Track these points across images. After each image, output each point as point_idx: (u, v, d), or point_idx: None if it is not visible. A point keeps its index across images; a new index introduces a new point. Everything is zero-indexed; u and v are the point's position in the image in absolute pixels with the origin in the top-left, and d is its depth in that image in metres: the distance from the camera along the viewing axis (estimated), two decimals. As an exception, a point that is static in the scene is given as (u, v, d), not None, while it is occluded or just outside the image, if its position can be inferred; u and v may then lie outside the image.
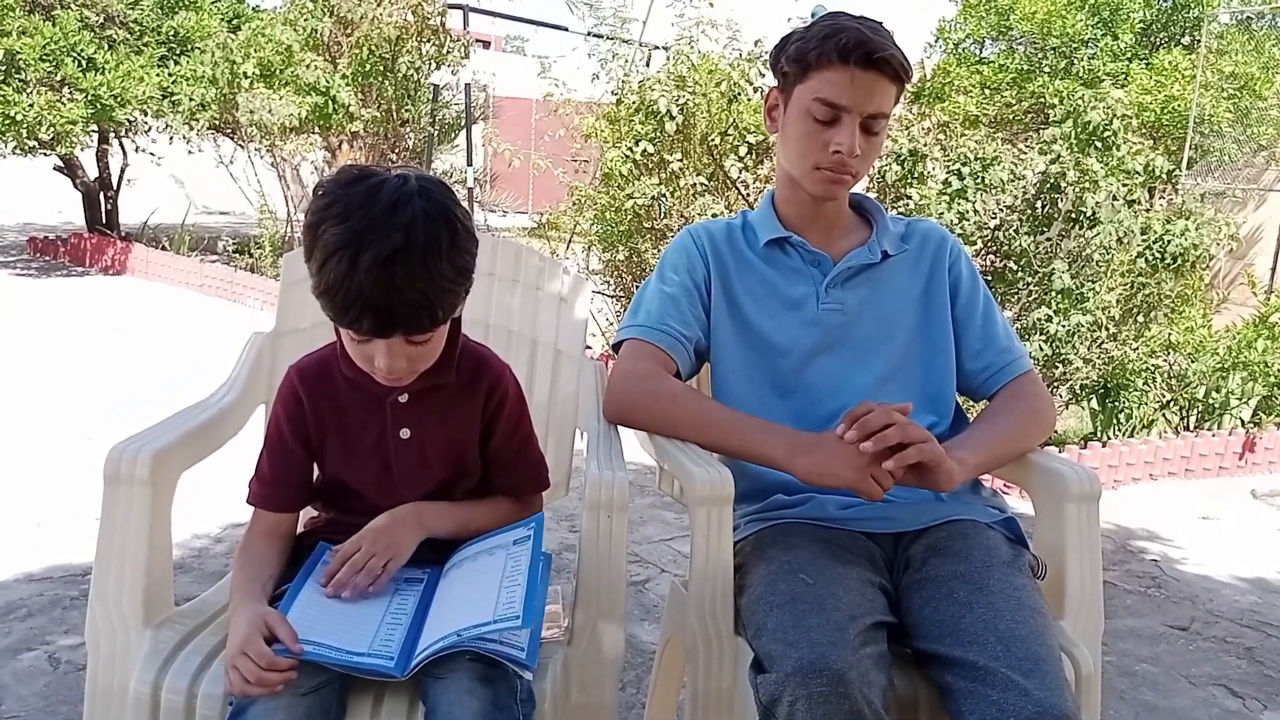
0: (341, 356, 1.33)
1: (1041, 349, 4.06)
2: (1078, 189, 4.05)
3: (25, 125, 7.40)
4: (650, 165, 4.95)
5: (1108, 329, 4.29)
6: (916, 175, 4.40)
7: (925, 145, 4.49)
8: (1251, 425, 4.62)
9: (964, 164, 4.20)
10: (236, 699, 1.14)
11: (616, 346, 1.60)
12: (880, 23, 1.50)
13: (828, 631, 1.18)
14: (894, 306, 1.58)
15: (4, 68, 7.53)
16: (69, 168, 9.29)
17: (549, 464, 1.52)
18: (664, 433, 1.49)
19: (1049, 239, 4.12)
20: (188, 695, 1.19)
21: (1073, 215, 4.10)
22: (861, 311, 1.56)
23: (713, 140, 4.94)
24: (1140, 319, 4.59)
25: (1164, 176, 4.45)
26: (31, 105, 7.38)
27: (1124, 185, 4.15)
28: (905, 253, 1.62)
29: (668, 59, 5.25)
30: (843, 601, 1.24)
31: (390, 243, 1.12)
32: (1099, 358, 4.27)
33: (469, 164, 9.56)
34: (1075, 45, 10.54)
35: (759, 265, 1.59)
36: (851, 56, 1.44)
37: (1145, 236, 4.36)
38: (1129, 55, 10.43)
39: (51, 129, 7.52)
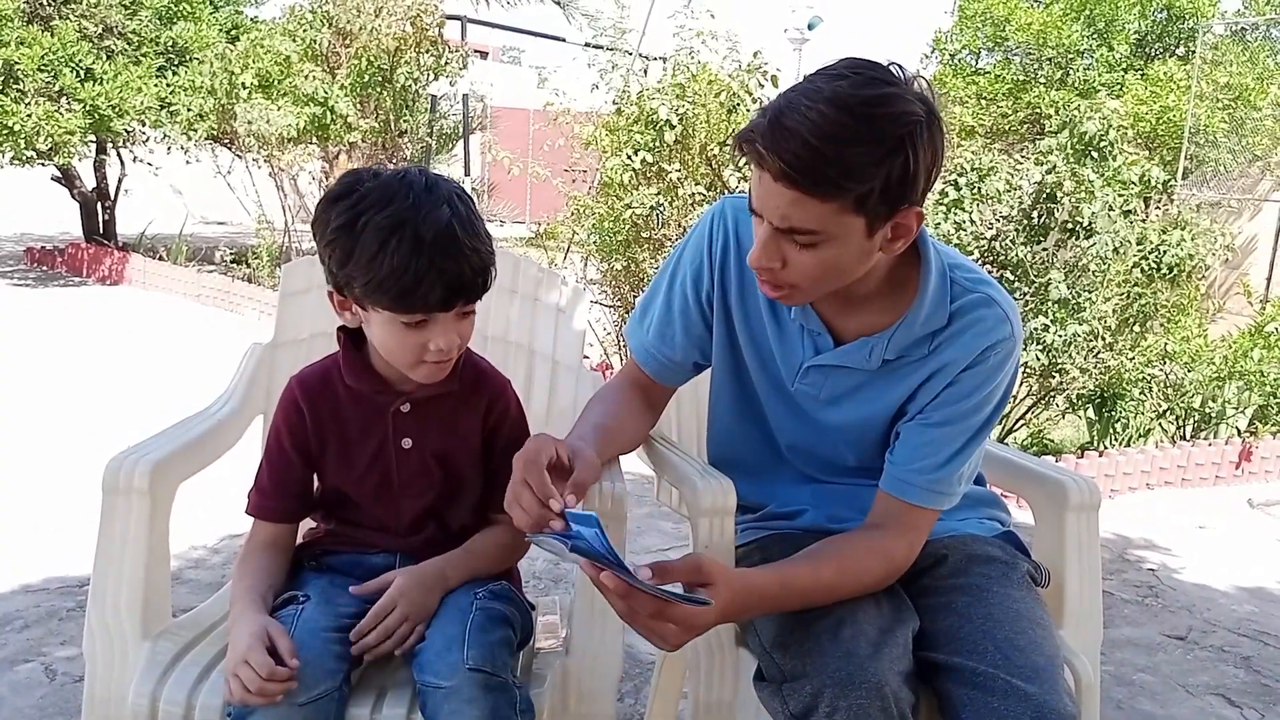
0: (345, 366, 1.33)
1: (1038, 359, 4.07)
2: (1074, 199, 4.06)
3: (23, 135, 7.41)
4: (649, 175, 4.96)
5: (1104, 339, 4.30)
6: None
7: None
8: (1248, 434, 4.62)
9: (960, 174, 4.21)
10: (235, 708, 1.14)
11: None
12: (856, 104, 1.10)
13: (861, 644, 1.17)
14: (873, 413, 1.38)
15: (2, 78, 7.54)
16: (67, 178, 9.30)
17: (547, 475, 1.52)
18: None
19: (1045, 249, 4.13)
20: (186, 706, 1.19)
21: (1069, 225, 4.11)
22: (835, 404, 1.39)
23: (711, 150, 4.95)
24: (1136, 329, 4.60)
25: (1160, 187, 4.47)
26: (29, 115, 7.39)
27: (1120, 195, 4.16)
28: (923, 357, 1.32)
29: (664, 70, 5.27)
30: (869, 613, 1.24)
31: (442, 214, 1.19)
32: (1095, 367, 4.28)
33: (466, 174, 9.58)
34: (1071, 56, 10.59)
35: (761, 300, 1.41)
36: (748, 152, 1.16)
37: (1141, 246, 4.37)
38: (1124, 66, 10.48)
39: (49, 139, 7.53)
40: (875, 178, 1.12)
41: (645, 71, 5.66)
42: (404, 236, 1.17)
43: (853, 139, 1.10)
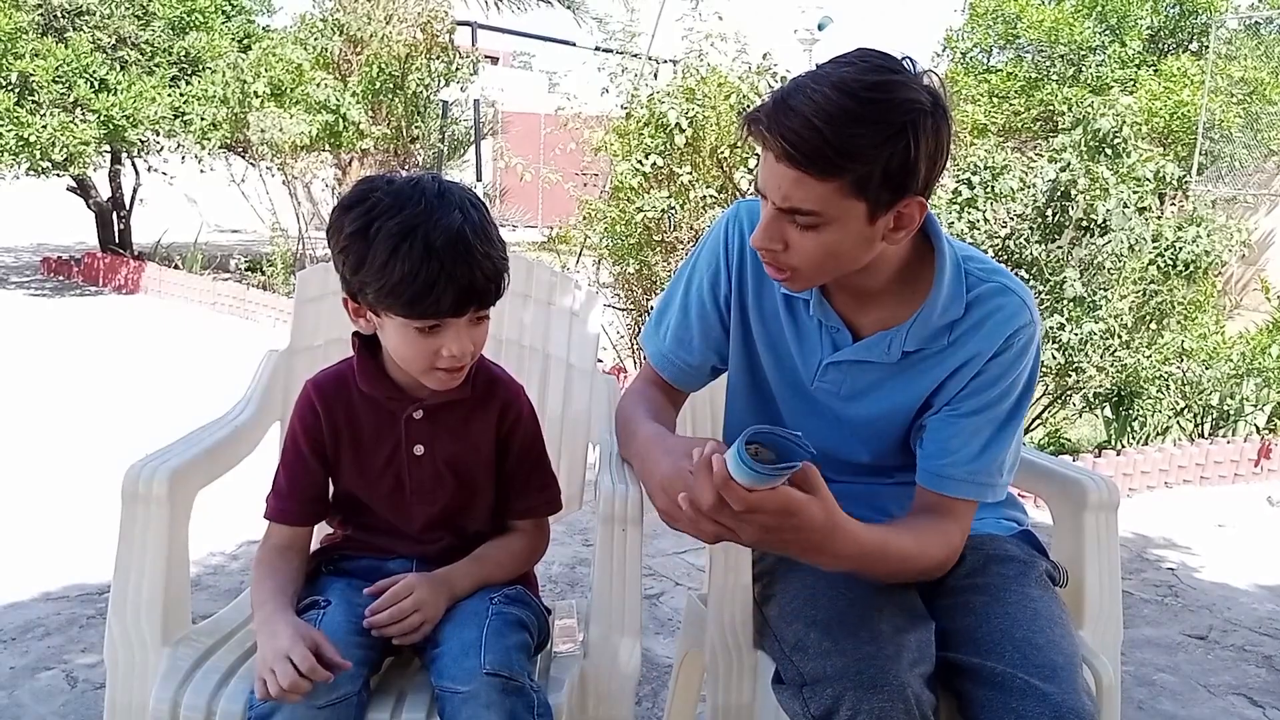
0: (359, 371, 1.34)
1: (1054, 357, 4.05)
2: (1088, 197, 4.04)
3: (39, 146, 7.46)
4: (660, 178, 4.96)
5: (1120, 336, 4.27)
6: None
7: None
8: (1266, 432, 4.59)
9: (974, 173, 4.20)
10: (255, 709, 1.14)
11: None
12: (860, 88, 1.12)
13: (883, 645, 1.17)
14: (897, 406, 1.37)
15: (18, 90, 7.60)
16: (82, 188, 9.36)
17: (562, 478, 1.53)
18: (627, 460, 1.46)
19: (1060, 247, 4.11)
20: (206, 712, 1.20)
21: (1084, 223, 4.09)
22: (857, 399, 1.39)
23: (722, 153, 4.94)
24: (1153, 326, 4.57)
25: (1175, 183, 4.44)
26: (45, 126, 7.45)
27: (1135, 192, 4.14)
28: (942, 349, 1.32)
29: (675, 73, 5.27)
30: (886, 615, 1.23)
31: (453, 220, 1.20)
32: (1112, 365, 4.25)
33: (478, 179, 9.60)
34: (1083, 52, 10.54)
35: (779, 300, 1.41)
36: (754, 132, 1.18)
37: (1157, 243, 4.34)
38: (1137, 62, 10.43)
39: (64, 150, 7.58)
40: (875, 160, 1.13)
41: (655, 75, 5.66)
42: (415, 242, 1.17)
43: (854, 121, 1.11)
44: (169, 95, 8.09)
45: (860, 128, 1.11)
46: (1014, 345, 1.30)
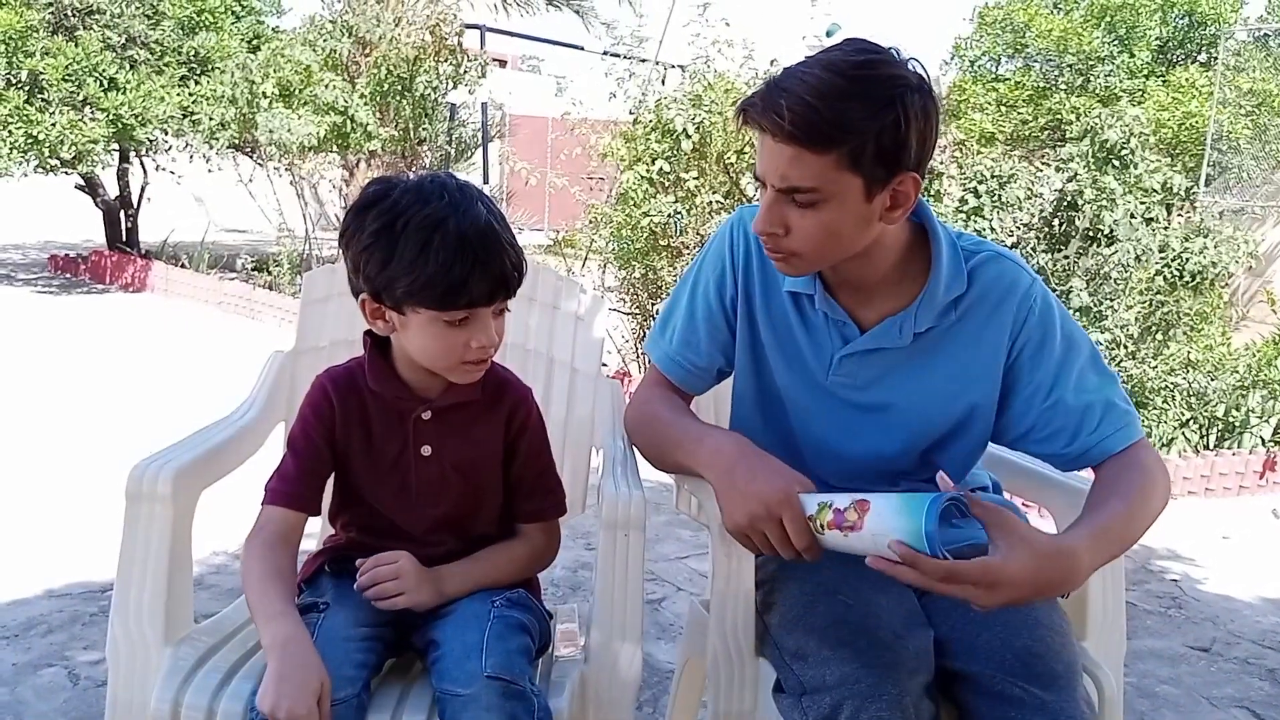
0: (370, 371, 1.34)
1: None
2: (1095, 207, 4.04)
3: (47, 144, 7.49)
4: (666, 183, 4.97)
5: (1126, 347, 4.27)
6: (933, 193, 4.40)
7: (941, 163, 4.49)
8: (1272, 444, 4.58)
9: (980, 182, 4.20)
10: (256, 710, 1.14)
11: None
12: (848, 67, 1.18)
13: (881, 653, 1.17)
14: (916, 389, 1.37)
15: (27, 88, 7.64)
16: (90, 186, 9.40)
17: (565, 482, 1.52)
18: (653, 459, 1.47)
19: (1067, 257, 4.11)
20: (207, 712, 1.20)
21: (1090, 233, 4.09)
22: (875, 385, 1.39)
23: (729, 159, 4.95)
24: (1159, 337, 4.57)
25: (1182, 194, 4.44)
26: (54, 125, 7.48)
27: (1142, 203, 4.14)
28: (951, 324, 1.34)
29: (683, 78, 5.28)
30: (885, 623, 1.23)
31: (478, 212, 1.22)
32: (1118, 376, 4.25)
33: (485, 181, 9.61)
34: (1092, 62, 10.54)
35: (786, 299, 1.42)
36: (749, 118, 1.23)
37: (1164, 254, 4.35)
38: (1146, 72, 10.43)
39: (73, 148, 7.61)
40: (868, 132, 1.16)
41: (663, 80, 5.67)
42: (447, 234, 1.19)
43: (845, 96, 1.16)
44: (178, 95, 8.13)
45: (851, 102, 1.16)
46: (1033, 307, 1.34)
